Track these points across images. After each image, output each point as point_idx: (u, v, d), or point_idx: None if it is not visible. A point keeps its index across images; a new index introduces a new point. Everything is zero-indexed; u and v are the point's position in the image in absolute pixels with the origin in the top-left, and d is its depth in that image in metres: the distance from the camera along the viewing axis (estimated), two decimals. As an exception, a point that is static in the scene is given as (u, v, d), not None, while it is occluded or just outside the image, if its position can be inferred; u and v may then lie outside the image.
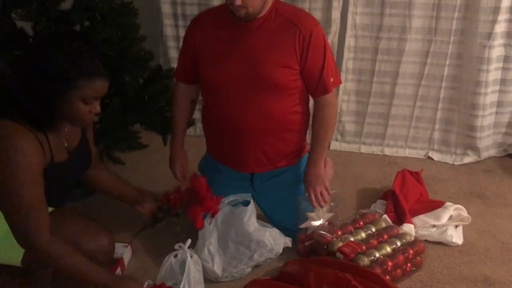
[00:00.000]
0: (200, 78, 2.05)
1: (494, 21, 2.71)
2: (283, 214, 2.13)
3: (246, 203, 2.08)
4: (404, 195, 2.43)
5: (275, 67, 1.92)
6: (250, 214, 2.02)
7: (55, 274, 1.65)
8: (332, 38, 2.97)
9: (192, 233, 2.11)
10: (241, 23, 1.91)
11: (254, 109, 1.96)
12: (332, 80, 1.99)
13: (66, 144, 1.57)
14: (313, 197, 2.04)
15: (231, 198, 2.10)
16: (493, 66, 2.82)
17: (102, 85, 1.46)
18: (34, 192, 1.40)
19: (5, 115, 1.41)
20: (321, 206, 2.05)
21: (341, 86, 3.06)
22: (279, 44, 1.92)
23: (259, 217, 2.10)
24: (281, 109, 1.99)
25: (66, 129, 1.56)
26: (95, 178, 1.79)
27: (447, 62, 2.90)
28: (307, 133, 2.19)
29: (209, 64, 1.99)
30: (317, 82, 1.98)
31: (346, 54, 3.00)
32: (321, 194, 2.05)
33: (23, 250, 1.48)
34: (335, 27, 2.95)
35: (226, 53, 1.95)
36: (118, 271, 1.91)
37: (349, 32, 2.95)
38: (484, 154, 3.02)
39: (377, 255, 1.96)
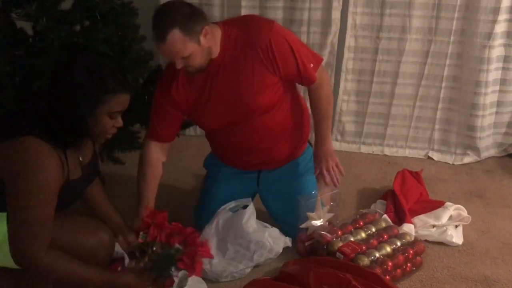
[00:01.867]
0: (195, 123, 2.09)
1: (494, 21, 2.72)
2: (286, 208, 2.13)
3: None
4: (404, 195, 2.43)
5: (259, 95, 1.90)
6: (249, 215, 2.03)
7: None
8: (332, 38, 2.97)
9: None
10: (201, 72, 1.86)
11: (256, 131, 1.98)
12: (312, 65, 1.95)
13: (81, 159, 1.60)
14: (325, 173, 2.03)
15: (232, 204, 2.12)
16: (493, 66, 2.82)
17: (126, 98, 1.51)
18: (45, 210, 1.43)
19: (29, 132, 1.43)
20: (335, 184, 2.04)
21: (341, 86, 3.06)
22: (249, 72, 1.86)
23: (260, 217, 2.10)
24: (281, 118, 2.01)
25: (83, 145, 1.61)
26: (89, 192, 1.77)
27: (447, 62, 2.90)
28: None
29: (199, 118, 2.01)
30: (300, 77, 1.96)
31: (346, 54, 3.00)
32: (333, 169, 2.04)
33: None
34: (335, 27, 2.95)
35: (208, 101, 1.92)
36: (119, 270, 1.91)
37: (349, 32, 2.95)
38: (484, 154, 3.02)
39: (377, 255, 1.95)
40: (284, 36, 1.90)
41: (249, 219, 2.03)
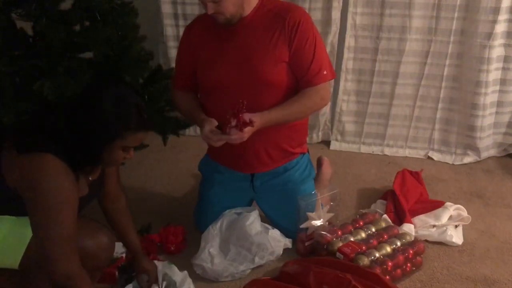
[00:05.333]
0: (197, 81, 2.06)
1: (494, 21, 2.71)
2: (283, 215, 2.13)
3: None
4: (404, 195, 2.43)
5: (271, 65, 1.91)
6: (253, 219, 2.04)
7: None
8: (332, 38, 2.97)
9: (194, 238, 2.12)
10: (230, 25, 1.91)
11: (252, 109, 1.95)
12: (325, 73, 1.95)
13: (90, 179, 1.63)
14: (232, 126, 1.81)
15: (238, 210, 2.12)
16: (493, 66, 2.82)
17: (143, 136, 1.54)
18: (73, 225, 1.46)
19: (46, 149, 1.44)
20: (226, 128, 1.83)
21: (341, 86, 3.06)
22: (270, 40, 1.90)
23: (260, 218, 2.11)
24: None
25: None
26: (111, 210, 1.82)
27: (447, 62, 2.90)
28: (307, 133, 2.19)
29: (203, 67, 2.00)
30: (307, 71, 1.93)
31: (346, 54, 3.00)
32: (229, 129, 1.83)
33: (21, 254, 1.49)
34: (335, 27, 2.95)
35: (218, 55, 1.95)
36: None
37: (349, 32, 2.95)
38: (484, 154, 3.02)
39: (377, 255, 1.96)
40: (313, 30, 1.95)
41: (253, 222, 2.04)
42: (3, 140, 1.49)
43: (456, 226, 2.28)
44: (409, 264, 2.00)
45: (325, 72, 1.95)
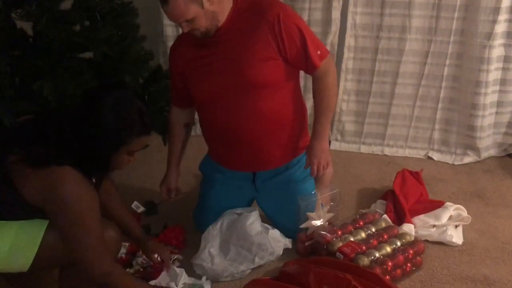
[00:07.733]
0: (191, 95, 2.06)
1: (494, 21, 2.71)
2: (283, 214, 2.13)
3: None
4: (404, 195, 2.43)
5: (258, 63, 1.90)
6: (253, 219, 2.05)
7: (60, 276, 1.68)
8: (332, 38, 2.97)
9: (194, 238, 2.12)
10: (209, 37, 1.90)
11: (248, 112, 1.95)
12: (319, 53, 1.95)
13: (94, 180, 1.65)
14: (315, 170, 2.03)
15: (239, 210, 2.12)
16: (493, 66, 2.82)
17: (147, 139, 1.59)
18: (100, 228, 1.51)
19: (61, 162, 1.46)
20: (317, 176, 2.07)
21: (341, 86, 3.06)
22: (252, 40, 1.89)
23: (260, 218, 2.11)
24: (275, 106, 1.97)
25: None
26: (107, 205, 1.84)
27: (447, 62, 2.90)
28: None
29: (194, 81, 2.00)
30: (306, 60, 1.94)
31: (346, 54, 3.00)
32: (324, 169, 2.05)
33: (32, 257, 1.50)
34: (335, 27, 2.95)
35: (205, 68, 1.95)
36: None
37: (349, 32, 2.95)
38: (484, 154, 3.02)
39: (377, 255, 1.95)
40: (294, 18, 1.93)
41: (254, 222, 2.04)
42: (6, 153, 1.48)
43: (456, 226, 2.28)
44: (409, 264, 2.00)
45: (318, 52, 1.96)
